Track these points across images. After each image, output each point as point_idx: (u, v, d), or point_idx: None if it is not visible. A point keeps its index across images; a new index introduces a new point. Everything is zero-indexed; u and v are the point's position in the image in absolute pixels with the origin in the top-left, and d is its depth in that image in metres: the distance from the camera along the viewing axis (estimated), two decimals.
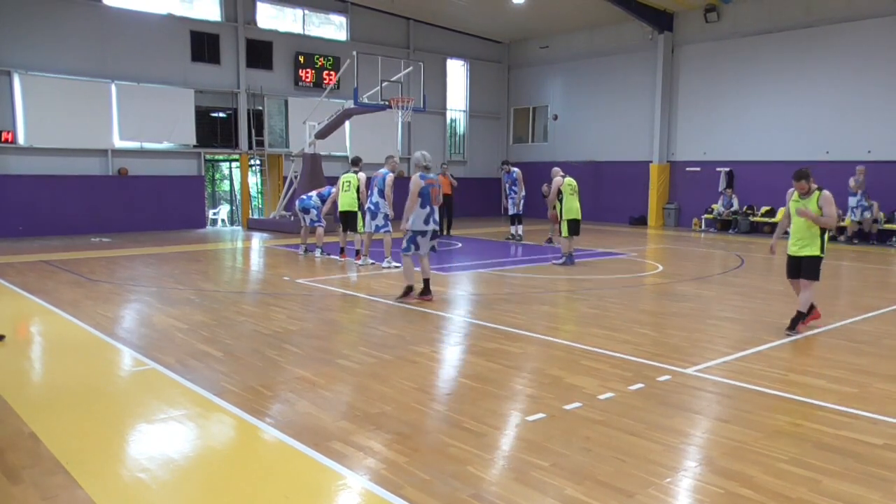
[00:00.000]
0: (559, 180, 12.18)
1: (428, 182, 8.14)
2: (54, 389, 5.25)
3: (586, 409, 4.67)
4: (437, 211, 8.28)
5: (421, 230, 8.25)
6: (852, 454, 3.94)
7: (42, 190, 16.81)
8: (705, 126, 20.64)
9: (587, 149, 23.47)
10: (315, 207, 12.97)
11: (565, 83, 24.43)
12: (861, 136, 17.23)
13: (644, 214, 22.00)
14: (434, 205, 8.22)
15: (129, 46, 17.92)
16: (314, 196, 13.10)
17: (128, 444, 4.09)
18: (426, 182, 8.12)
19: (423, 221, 8.21)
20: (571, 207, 11.98)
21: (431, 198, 8.15)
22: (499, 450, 4.03)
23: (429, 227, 8.25)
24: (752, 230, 19.06)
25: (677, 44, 21.17)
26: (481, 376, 5.44)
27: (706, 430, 4.34)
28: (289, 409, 4.71)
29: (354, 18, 22.14)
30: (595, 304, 8.52)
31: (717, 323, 7.68)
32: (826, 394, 5.05)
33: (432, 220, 8.25)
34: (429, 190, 8.11)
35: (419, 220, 8.20)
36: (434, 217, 8.27)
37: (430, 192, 8.12)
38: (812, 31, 18.17)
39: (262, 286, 10.23)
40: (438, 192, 8.29)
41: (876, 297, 9.44)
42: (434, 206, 8.22)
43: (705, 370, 5.65)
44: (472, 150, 25.76)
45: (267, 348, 6.25)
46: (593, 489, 3.47)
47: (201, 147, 19.53)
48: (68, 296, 8.76)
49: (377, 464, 3.77)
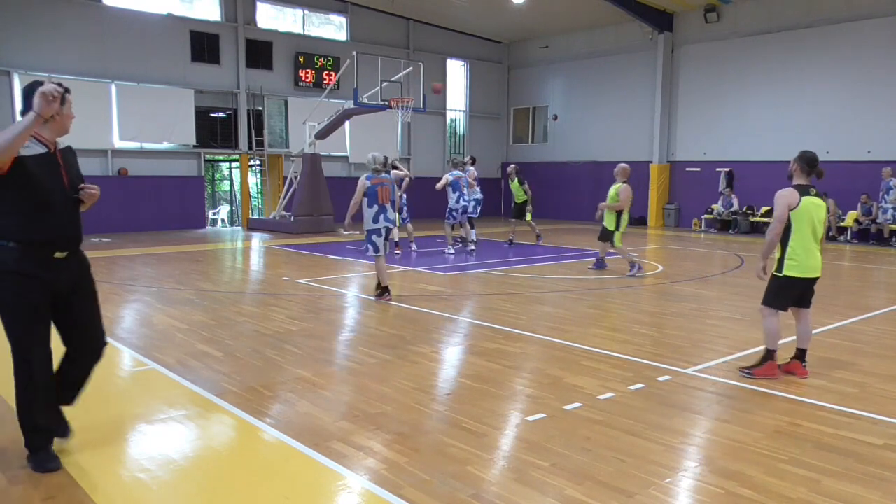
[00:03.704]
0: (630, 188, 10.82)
1: (374, 182, 8.39)
2: None
3: (586, 409, 4.67)
4: (389, 209, 8.50)
5: (373, 229, 8.49)
6: (852, 454, 3.94)
7: None
8: (705, 126, 20.64)
9: (587, 149, 23.48)
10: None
11: (565, 83, 24.44)
12: (861, 136, 17.24)
13: (644, 215, 21.99)
14: (383, 203, 8.43)
15: (129, 46, 17.93)
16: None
17: (128, 444, 4.09)
18: (372, 182, 8.38)
19: (371, 220, 8.47)
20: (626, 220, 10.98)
21: (379, 197, 8.39)
22: (499, 450, 4.03)
23: (378, 224, 8.48)
24: (752, 230, 19.06)
25: (677, 44, 21.17)
26: (481, 376, 5.45)
27: (706, 430, 4.34)
28: (289, 409, 4.71)
29: (354, 18, 22.14)
30: (595, 304, 8.52)
31: (717, 323, 7.68)
32: (826, 394, 5.05)
33: (382, 217, 8.47)
34: (375, 189, 8.38)
35: (368, 219, 8.50)
36: (385, 215, 8.49)
37: (376, 191, 8.38)
38: (812, 31, 18.18)
39: (262, 286, 10.23)
40: (388, 190, 8.51)
41: (876, 297, 9.44)
42: (384, 204, 8.45)
43: (705, 370, 5.65)
44: (473, 150, 25.73)
45: (267, 348, 6.25)
46: (593, 489, 3.47)
47: (201, 147, 19.53)
48: None
49: (377, 464, 3.77)
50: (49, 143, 3.58)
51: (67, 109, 3.63)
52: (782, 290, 5.40)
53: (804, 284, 5.39)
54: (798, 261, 5.29)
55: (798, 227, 5.26)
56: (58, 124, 3.62)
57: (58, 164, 3.61)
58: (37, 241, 3.49)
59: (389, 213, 8.50)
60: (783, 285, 5.38)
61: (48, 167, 3.54)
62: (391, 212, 8.52)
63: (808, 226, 5.25)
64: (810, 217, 5.25)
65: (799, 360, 5.52)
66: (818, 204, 5.28)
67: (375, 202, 8.39)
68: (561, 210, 23.87)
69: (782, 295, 5.41)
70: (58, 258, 3.60)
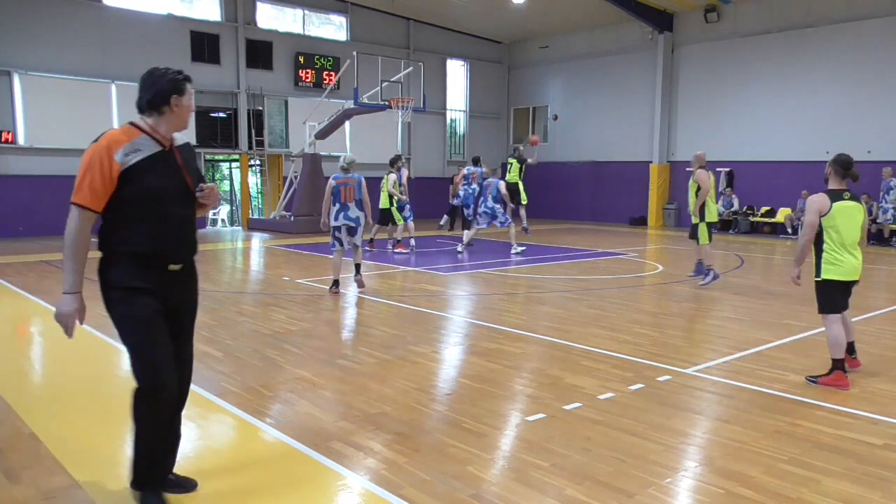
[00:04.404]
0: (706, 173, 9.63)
1: (339, 182, 8.83)
2: (54, 389, 5.25)
3: (586, 409, 4.67)
4: (351, 208, 8.85)
5: (333, 225, 8.92)
6: (852, 454, 3.94)
7: (42, 190, 16.80)
8: (705, 126, 20.64)
9: (587, 149, 23.48)
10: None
11: (565, 83, 24.44)
12: (861, 136, 17.23)
13: (644, 215, 22.00)
14: (345, 202, 8.83)
15: (129, 46, 17.92)
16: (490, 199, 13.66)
17: (128, 444, 4.09)
18: (337, 182, 8.83)
19: (333, 217, 8.89)
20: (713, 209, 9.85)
21: (342, 196, 8.82)
22: (499, 450, 4.03)
23: (338, 222, 8.89)
24: (752, 230, 19.07)
25: (677, 44, 21.17)
26: (481, 376, 5.44)
27: (706, 430, 4.34)
28: (289, 409, 4.71)
29: (354, 19, 22.14)
30: (595, 304, 8.52)
31: (717, 323, 7.68)
32: (826, 394, 5.05)
33: (342, 216, 8.85)
34: (339, 189, 8.83)
35: (331, 216, 8.91)
36: (345, 213, 8.88)
37: (340, 190, 8.84)
38: (812, 31, 18.18)
39: (263, 286, 10.23)
40: (352, 190, 8.88)
41: (876, 297, 9.44)
42: (346, 203, 8.83)
43: (705, 370, 5.65)
44: (472, 150, 25.72)
45: (267, 348, 6.25)
46: (593, 489, 3.47)
47: (201, 147, 19.52)
48: None
49: (377, 464, 3.77)
50: (165, 141, 3.11)
51: (188, 101, 3.13)
52: (829, 293, 5.37)
53: (845, 286, 5.39)
54: (836, 264, 5.29)
55: (830, 233, 5.26)
56: (176, 117, 3.11)
57: (176, 163, 3.14)
58: (151, 253, 3.06)
59: (351, 211, 8.88)
60: (827, 289, 5.37)
61: (165, 168, 3.08)
62: (353, 210, 8.89)
63: (841, 231, 5.24)
64: (843, 222, 5.23)
65: (848, 354, 5.55)
66: (852, 207, 5.27)
67: (338, 200, 8.87)
68: (561, 210, 23.88)
69: (831, 298, 5.38)
70: (172, 271, 3.16)
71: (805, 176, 17.81)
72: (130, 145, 2.97)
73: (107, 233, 3.05)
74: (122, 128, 3.05)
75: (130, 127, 3.06)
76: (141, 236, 3.01)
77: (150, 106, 3.05)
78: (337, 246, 9.02)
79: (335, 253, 9.08)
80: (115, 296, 3.05)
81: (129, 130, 3.03)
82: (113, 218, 3.02)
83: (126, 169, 2.94)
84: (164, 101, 3.05)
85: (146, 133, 3.04)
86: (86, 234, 2.98)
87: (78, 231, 2.96)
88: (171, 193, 3.09)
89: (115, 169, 2.93)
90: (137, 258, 3.03)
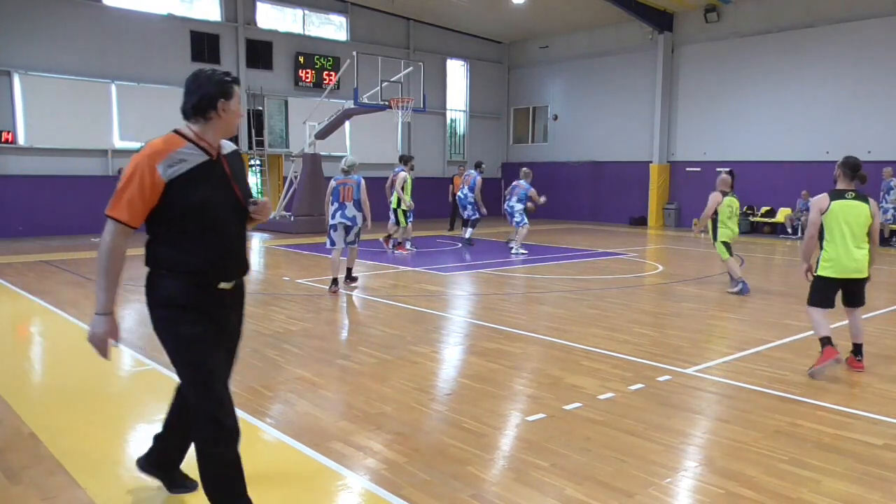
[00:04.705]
0: (718, 196, 9.95)
1: (339, 182, 9.11)
2: (54, 389, 5.25)
3: (586, 409, 4.67)
4: (348, 207, 9.03)
5: (330, 224, 9.14)
6: (852, 454, 3.94)
7: (42, 190, 16.81)
8: (705, 126, 20.65)
9: (587, 149, 23.49)
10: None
11: (565, 83, 24.44)
12: (861, 136, 17.23)
13: (644, 214, 22.00)
14: (344, 202, 9.04)
15: (129, 46, 17.93)
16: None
17: (128, 444, 4.09)
18: (337, 182, 9.13)
19: (330, 216, 9.12)
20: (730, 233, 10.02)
21: (340, 195, 9.07)
22: (499, 450, 4.03)
23: (335, 220, 9.07)
24: (752, 230, 19.06)
25: (677, 44, 21.17)
26: (481, 376, 5.44)
27: (706, 430, 4.34)
28: (289, 409, 4.71)
29: (354, 18, 22.14)
30: (595, 304, 8.52)
31: (716, 323, 7.68)
32: (826, 394, 5.05)
33: (339, 214, 9.04)
34: (338, 189, 9.09)
35: (329, 214, 9.14)
36: (343, 212, 9.06)
37: (339, 190, 9.10)
38: (812, 31, 18.18)
39: (262, 286, 10.23)
40: (350, 190, 9.10)
41: (876, 297, 9.44)
42: (345, 202, 9.03)
43: (705, 370, 5.65)
44: (472, 150, 25.76)
45: (267, 348, 6.25)
46: (593, 489, 3.47)
47: None
48: (68, 296, 8.75)
49: (377, 464, 3.77)
50: (212, 149, 2.84)
51: (235, 105, 2.86)
52: (818, 289, 5.63)
53: (841, 284, 5.60)
54: (831, 262, 5.51)
55: (829, 230, 5.49)
56: (224, 123, 2.85)
57: (224, 173, 2.89)
58: (199, 270, 2.81)
59: (348, 210, 9.06)
60: (818, 285, 5.63)
61: (213, 179, 2.82)
62: (351, 210, 9.06)
63: (839, 228, 5.45)
64: (842, 220, 5.44)
65: (853, 355, 5.71)
66: (854, 206, 5.45)
67: (337, 200, 9.08)
68: (560, 210, 23.85)
69: (818, 294, 5.63)
70: (222, 290, 2.92)
71: (805, 176, 17.83)
72: (174, 155, 2.72)
73: (153, 248, 2.83)
74: (165, 137, 2.81)
75: (174, 135, 2.80)
76: (188, 252, 2.77)
77: (195, 111, 2.80)
78: (333, 244, 9.16)
79: (333, 252, 9.18)
80: (162, 314, 2.87)
81: (171, 139, 2.78)
82: (159, 232, 2.80)
83: (170, 181, 2.70)
84: (211, 106, 2.80)
85: (191, 141, 2.79)
86: (121, 250, 2.74)
87: (113, 247, 2.72)
88: (220, 206, 2.83)
89: (159, 183, 2.69)
90: (185, 275, 2.80)
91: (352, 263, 9.55)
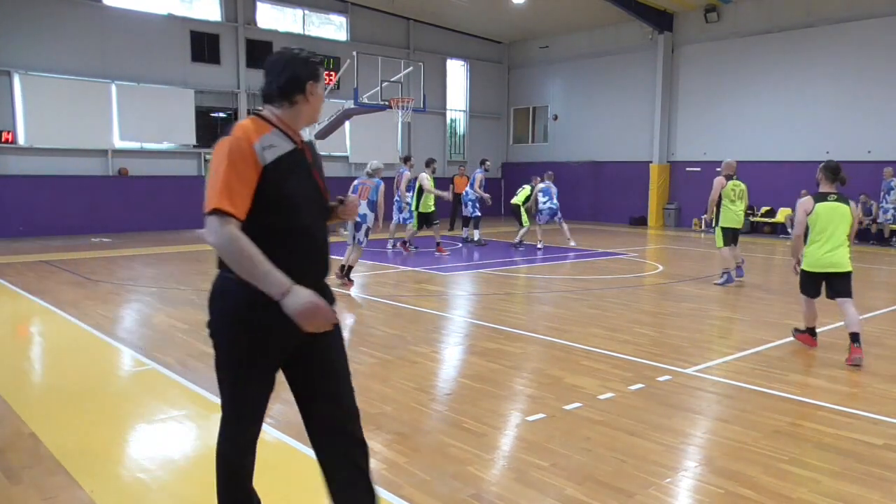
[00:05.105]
0: (722, 181, 9.96)
1: (360, 182, 9.80)
2: (54, 389, 5.25)
3: (586, 409, 4.67)
4: (361, 204, 9.44)
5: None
6: (852, 454, 3.94)
7: (42, 190, 16.81)
8: (705, 126, 20.64)
9: (587, 149, 23.48)
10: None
11: (565, 83, 24.44)
12: (861, 136, 17.24)
13: (644, 214, 22.00)
14: (360, 199, 9.45)
15: (129, 46, 17.92)
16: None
17: (128, 444, 4.09)
18: (358, 181, 9.82)
19: None
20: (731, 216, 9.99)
21: (358, 193, 9.58)
22: (499, 450, 4.03)
23: None
24: (752, 230, 19.05)
25: (677, 44, 21.17)
26: (481, 376, 5.44)
27: (706, 430, 4.34)
28: (289, 409, 4.69)
29: (354, 18, 22.14)
30: (595, 304, 8.52)
31: (717, 323, 7.68)
32: (826, 394, 5.06)
33: None
34: (357, 186, 9.72)
35: None
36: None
37: (357, 188, 9.71)
38: (812, 31, 18.17)
39: None
40: (367, 190, 9.67)
41: (876, 297, 9.44)
42: (360, 200, 9.54)
43: (705, 370, 5.66)
44: (472, 150, 25.76)
45: None
46: (593, 489, 3.47)
47: (201, 147, 19.51)
48: (68, 296, 8.75)
49: (377, 464, 3.76)
50: (296, 137, 2.53)
51: (322, 89, 2.58)
52: (804, 282, 6.23)
53: (823, 277, 6.07)
54: (813, 258, 6.04)
55: (814, 230, 6.01)
56: (311, 108, 2.55)
57: (307, 163, 2.56)
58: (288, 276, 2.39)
59: (360, 207, 9.46)
60: (803, 278, 6.22)
61: (298, 170, 2.50)
62: (363, 207, 9.54)
63: (823, 228, 5.96)
64: (826, 220, 5.96)
65: (852, 342, 5.91)
66: (836, 207, 5.98)
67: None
68: (561, 210, 23.78)
69: (806, 284, 6.21)
70: None
71: (805, 176, 17.69)
72: (266, 138, 2.39)
73: None
74: (249, 119, 2.47)
75: (258, 119, 2.47)
76: (270, 253, 2.35)
77: (281, 94, 2.49)
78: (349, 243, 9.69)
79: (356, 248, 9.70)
80: (224, 323, 2.51)
81: (258, 122, 2.45)
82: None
83: (265, 166, 2.37)
84: (299, 89, 2.50)
85: (276, 126, 2.47)
86: (243, 237, 2.32)
87: (233, 235, 2.31)
88: (307, 200, 2.52)
89: (259, 166, 2.36)
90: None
91: (353, 262, 9.73)
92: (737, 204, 10.05)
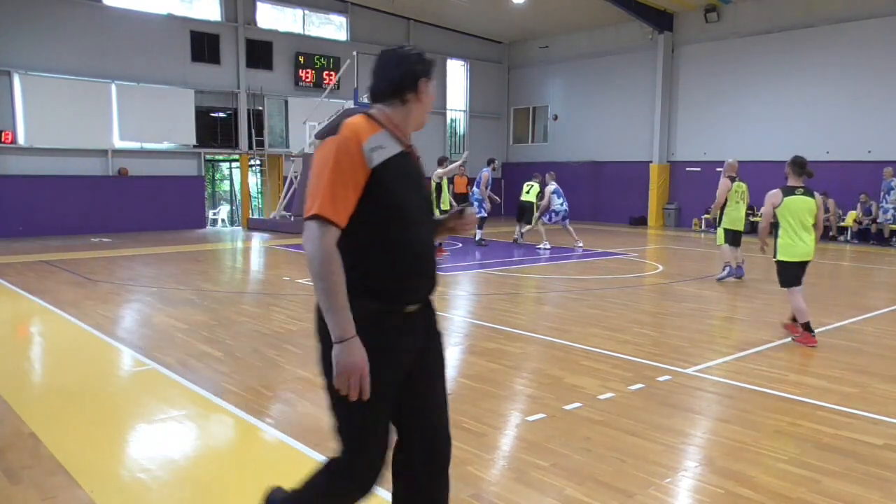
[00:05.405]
0: (727, 183, 10.15)
1: None
2: (54, 389, 5.25)
3: (586, 409, 4.67)
4: None
5: None
6: (852, 454, 3.94)
7: (42, 190, 16.82)
8: (705, 126, 20.64)
9: (587, 149, 23.48)
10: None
11: (565, 83, 24.44)
12: (861, 136, 17.23)
13: (644, 214, 22.00)
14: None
15: (129, 46, 17.93)
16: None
17: (128, 444, 4.09)
18: None
19: None
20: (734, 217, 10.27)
21: None
22: (499, 450, 4.03)
23: None
24: (751, 230, 19.03)
25: (677, 44, 21.17)
26: (481, 376, 5.44)
27: (706, 430, 4.34)
28: (289, 409, 4.70)
29: (354, 18, 22.14)
30: (595, 304, 8.52)
31: (717, 323, 7.68)
32: (826, 394, 5.05)
33: None
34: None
35: None
36: None
37: None
38: (812, 31, 18.17)
39: (263, 286, 10.24)
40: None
41: (876, 297, 9.44)
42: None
43: (705, 370, 5.65)
44: (473, 150, 25.71)
45: (267, 348, 6.25)
46: (593, 489, 3.47)
47: (201, 147, 19.54)
48: (68, 296, 8.75)
49: None
50: (405, 139, 2.35)
51: (433, 89, 2.43)
52: (782, 271, 6.46)
53: (797, 266, 6.40)
54: (787, 248, 6.35)
55: (783, 221, 6.36)
56: (421, 108, 2.38)
57: (416, 169, 2.39)
58: (386, 289, 2.26)
59: None
60: (780, 268, 6.47)
61: (407, 176, 2.31)
62: None
63: (792, 220, 6.30)
64: (793, 212, 6.29)
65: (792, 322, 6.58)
66: (803, 200, 6.31)
67: None
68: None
69: (788, 274, 6.43)
70: (409, 313, 2.35)
71: None
72: (374, 138, 2.22)
73: None
74: (358, 117, 2.30)
75: (367, 118, 2.29)
76: (375, 266, 2.23)
77: (393, 91, 2.32)
78: None
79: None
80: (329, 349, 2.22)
81: (367, 121, 2.28)
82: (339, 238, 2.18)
83: (374, 169, 2.19)
84: (412, 87, 2.32)
85: (385, 127, 2.29)
86: (338, 256, 2.15)
87: (328, 253, 2.12)
88: (417, 208, 2.33)
89: (367, 168, 2.19)
90: (367, 296, 2.23)
91: None
92: (740, 205, 10.37)
